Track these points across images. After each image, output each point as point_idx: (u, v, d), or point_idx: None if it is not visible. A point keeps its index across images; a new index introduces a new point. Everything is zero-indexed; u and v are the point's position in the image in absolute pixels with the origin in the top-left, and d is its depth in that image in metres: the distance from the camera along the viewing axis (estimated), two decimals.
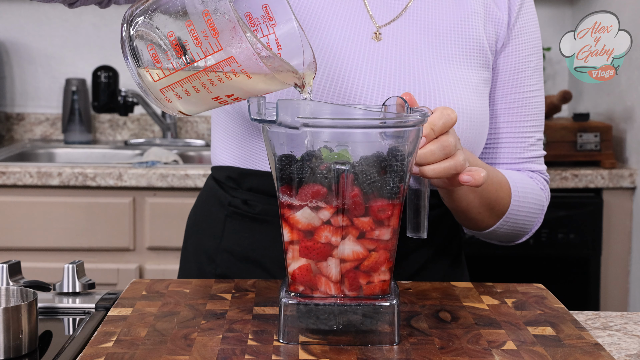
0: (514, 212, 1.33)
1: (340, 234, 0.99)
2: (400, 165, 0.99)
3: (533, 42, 1.37)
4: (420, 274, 1.35)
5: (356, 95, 1.26)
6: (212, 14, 0.97)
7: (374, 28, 1.30)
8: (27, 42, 3.17)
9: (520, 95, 1.36)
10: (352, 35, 1.29)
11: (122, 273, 2.59)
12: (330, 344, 1.00)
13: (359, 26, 1.30)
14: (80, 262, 1.30)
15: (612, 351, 1.04)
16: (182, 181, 2.57)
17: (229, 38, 0.96)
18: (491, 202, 1.29)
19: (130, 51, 1.02)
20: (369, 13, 1.31)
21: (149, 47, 1.01)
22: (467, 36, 1.32)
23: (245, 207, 1.35)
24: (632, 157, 2.77)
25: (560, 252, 2.70)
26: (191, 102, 1.04)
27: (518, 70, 1.36)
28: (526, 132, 1.37)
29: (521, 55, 1.36)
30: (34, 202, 2.58)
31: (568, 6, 3.21)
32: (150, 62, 1.01)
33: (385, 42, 1.30)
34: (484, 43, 1.33)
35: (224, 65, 0.98)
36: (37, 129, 3.19)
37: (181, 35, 0.99)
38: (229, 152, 1.37)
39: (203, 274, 1.38)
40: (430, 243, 1.35)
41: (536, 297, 1.21)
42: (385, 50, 1.29)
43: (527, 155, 1.38)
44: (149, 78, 1.02)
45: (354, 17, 1.30)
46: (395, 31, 1.31)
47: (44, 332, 1.16)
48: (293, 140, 0.98)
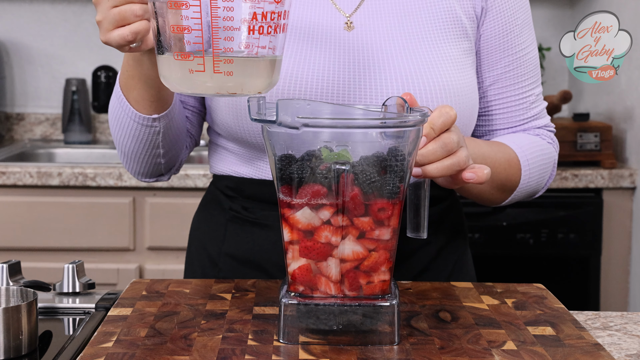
0: (525, 182, 1.33)
1: (340, 233, 0.99)
2: (400, 165, 0.99)
3: (519, 3, 1.34)
4: (425, 274, 1.35)
5: (336, 88, 1.26)
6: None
7: (344, 18, 1.29)
8: (27, 42, 3.17)
9: (512, 57, 1.34)
10: (323, 29, 1.28)
11: (122, 273, 2.59)
12: (330, 344, 1.00)
13: (328, 19, 1.29)
14: (80, 262, 1.30)
15: (612, 351, 1.04)
16: (182, 181, 2.57)
17: None
18: (502, 183, 1.30)
19: (178, 83, 1.04)
20: (334, 5, 1.30)
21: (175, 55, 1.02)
22: (437, 9, 1.30)
23: (245, 213, 1.35)
24: (632, 157, 2.77)
25: (560, 252, 2.70)
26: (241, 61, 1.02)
27: (505, 32, 1.33)
28: (525, 92, 1.36)
29: (506, 15, 1.33)
30: (34, 202, 2.58)
31: (568, 6, 3.21)
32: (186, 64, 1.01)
33: (357, 30, 1.28)
34: (457, 12, 1.30)
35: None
36: (37, 129, 3.19)
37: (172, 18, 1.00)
38: (226, 165, 1.37)
39: (207, 277, 1.38)
40: (434, 242, 1.35)
41: (536, 297, 1.21)
42: (359, 39, 1.28)
43: (530, 114, 1.37)
44: (199, 74, 1.01)
45: (320, 11, 1.29)
46: (365, 17, 1.29)
47: (44, 332, 1.16)
48: (293, 140, 0.98)
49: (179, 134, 1.32)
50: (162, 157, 1.32)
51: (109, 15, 1.06)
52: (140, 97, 1.23)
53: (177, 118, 1.30)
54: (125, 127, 1.27)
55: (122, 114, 1.26)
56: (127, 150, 1.31)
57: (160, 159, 1.32)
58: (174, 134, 1.30)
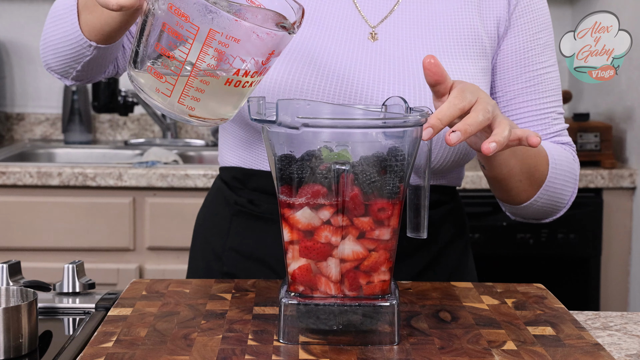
0: (551, 181, 1.31)
1: (340, 233, 0.99)
2: (400, 165, 0.99)
3: (540, 19, 1.35)
4: (426, 273, 1.35)
5: (356, 96, 1.26)
6: (175, 3, 0.95)
7: (369, 28, 1.30)
8: (27, 42, 3.17)
9: (533, 74, 1.34)
10: (348, 38, 1.29)
11: (122, 273, 2.59)
12: (330, 344, 1.00)
13: (353, 28, 1.30)
14: (80, 262, 1.30)
15: (612, 351, 1.04)
16: (182, 181, 2.57)
17: (199, 14, 0.94)
18: (531, 169, 1.27)
19: (138, 87, 1.01)
20: (360, 14, 1.31)
21: (149, 69, 0.99)
22: (461, 27, 1.31)
23: (251, 206, 1.35)
24: (632, 157, 2.77)
25: (560, 252, 2.70)
26: (210, 98, 1.00)
27: (527, 49, 1.34)
28: (547, 108, 1.35)
29: (528, 34, 1.34)
30: (34, 202, 2.58)
31: (568, 6, 3.21)
32: (156, 81, 0.99)
33: (381, 41, 1.30)
34: (479, 32, 1.32)
35: (210, 42, 0.95)
36: (37, 129, 3.19)
37: (163, 39, 0.97)
38: (234, 154, 1.38)
39: (211, 272, 1.38)
40: (435, 242, 1.36)
41: (536, 297, 1.21)
42: (382, 50, 1.29)
43: (553, 130, 1.36)
44: (164, 97, 0.99)
45: (346, 20, 1.30)
46: (390, 29, 1.31)
47: (44, 332, 1.16)
48: (293, 140, 0.98)
49: (104, 65, 1.29)
50: (75, 72, 1.28)
51: None
52: (92, 24, 1.17)
53: (112, 53, 1.26)
54: (59, 30, 1.23)
55: (65, 19, 1.21)
56: (49, 43, 1.26)
57: (73, 71, 1.28)
58: (100, 64, 1.27)
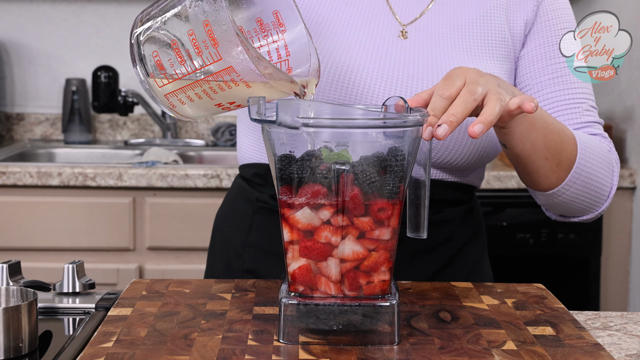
0: (582, 164, 1.25)
1: (340, 233, 0.99)
2: (400, 165, 0.99)
3: (564, 17, 1.36)
4: (445, 270, 1.36)
5: (384, 91, 1.27)
6: (212, 25, 0.98)
7: (400, 27, 1.31)
8: (27, 42, 3.17)
9: (560, 65, 1.33)
10: (379, 34, 1.30)
11: (122, 273, 2.59)
12: (330, 344, 1.00)
13: (384, 25, 1.31)
14: (80, 262, 1.30)
15: (612, 351, 1.04)
16: (182, 181, 2.57)
17: (228, 49, 0.98)
18: (556, 146, 1.21)
19: (138, 56, 1.04)
20: (392, 11, 1.32)
21: (154, 53, 1.03)
22: (489, 29, 1.33)
23: (273, 202, 1.36)
24: (632, 157, 2.77)
25: (560, 252, 2.70)
26: (194, 108, 1.07)
27: (552, 42, 1.34)
28: (578, 97, 1.33)
29: (553, 30, 1.34)
30: (34, 202, 2.58)
31: None
32: (156, 69, 1.03)
33: (411, 39, 1.31)
34: (506, 35, 1.33)
35: (223, 74, 1.00)
36: (37, 129, 3.19)
37: (184, 43, 1.01)
38: (254, 149, 1.38)
39: (230, 270, 1.38)
40: (455, 240, 1.37)
41: (536, 297, 1.21)
42: (411, 48, 1.30)
43: (585, 119, 1.33)
44: (155, 83, 1.05)
45: (379, 18, 1.31)
46: (420, 28, 1.32)
47: (44, 332, 1.16)
48: (293, 140, 0.98)
49: None
50: None
51: None
52: None
53: None
54: None
55: None
56: None
57: None
58: None
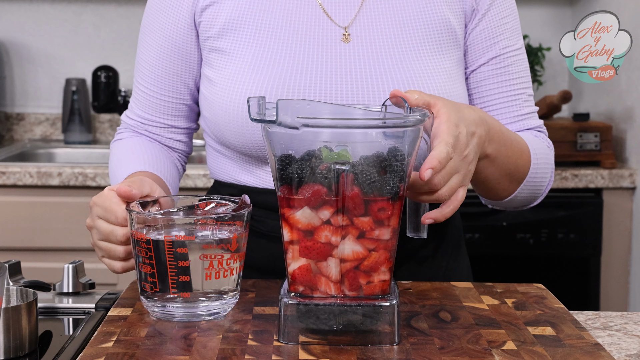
0: (532, 176, 1.33)
1: (340, 233, 0.99)
2: (400, 165, 0.99)
3: (506, 4, 1.37)
4: (421, 272, 1.35)
5: (335, 100, 1.27)
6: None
7: (340, 30, 1.30)
8: (27, 42, 3.17)
9: (503, 57, 1.36)
10: (321, 42, 1.29)
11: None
12: (330, 344, 1.00)
13: (325, 31, 1.30)
14: (80, 262, 1.30)
15: (612, 351, 1.04)
16: (182, 181, 2.57)
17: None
18: (511, 172, 1.29)
19: None
20: (328, 17, 1.31)
21: None
22: (431, 17, 1.32)
23: (257, 225, 1.33)
24: (632, 157, 2.77)
25: (560, 252, 2.70)
26: None
27: (496, 34, 1.35)
28: (518, 90, 1.37)
29: (496, 19, 1.35)
30: (34, 202, 2.57)
31: (568, 6, 3.21)
32: None
33: (354, 42, 1.30)
34: (450, 22, 1.33)
35: None
36: (37, 129, 3.19)
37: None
38: (226, 172, 1.37)
39: None
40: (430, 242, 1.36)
41: (536, 297, 1.21)
42: (355, 51, 1.29)
43: (524, 111, 1.38)
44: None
45: (316, 23, 1.30)
46: (362, 29, 1.30)
47: (44, 332, 1.16)
48: (293, 140, 0.98)
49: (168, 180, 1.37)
50: None
51: (97, 244, 1.16)
52: None
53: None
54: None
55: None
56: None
57: None
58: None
